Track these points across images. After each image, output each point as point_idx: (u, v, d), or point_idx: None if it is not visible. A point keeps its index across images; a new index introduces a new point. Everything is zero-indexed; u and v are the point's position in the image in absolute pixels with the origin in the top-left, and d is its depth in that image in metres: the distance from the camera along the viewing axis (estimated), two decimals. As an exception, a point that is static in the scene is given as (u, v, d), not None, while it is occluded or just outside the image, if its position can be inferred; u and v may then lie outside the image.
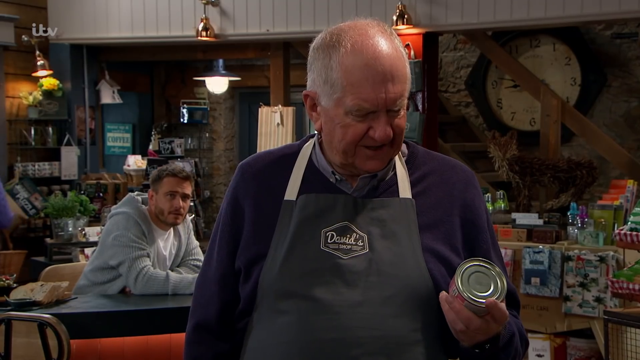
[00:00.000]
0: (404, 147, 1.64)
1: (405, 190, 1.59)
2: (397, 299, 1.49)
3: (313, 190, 1.59)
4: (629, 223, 3.80)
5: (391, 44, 1.50)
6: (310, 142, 1.67)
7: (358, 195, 1.57)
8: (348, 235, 1.53)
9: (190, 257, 3.94)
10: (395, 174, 1.60)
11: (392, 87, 1.48)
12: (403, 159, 1.63)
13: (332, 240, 1.53)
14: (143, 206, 3.81)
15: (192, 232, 4.03)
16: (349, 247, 1.52)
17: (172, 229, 3.90)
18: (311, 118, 1.60)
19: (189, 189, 3.85)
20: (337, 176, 1.59)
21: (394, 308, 1.49)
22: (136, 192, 3.95)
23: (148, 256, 3.69)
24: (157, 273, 3.64)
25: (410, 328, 1.49)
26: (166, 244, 3.88)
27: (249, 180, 1.65)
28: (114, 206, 3.92)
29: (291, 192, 1.59)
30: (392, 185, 1.59)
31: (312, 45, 1.56)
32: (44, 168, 7.33)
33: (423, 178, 1.62)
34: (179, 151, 8.34)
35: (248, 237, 1.60)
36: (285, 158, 1.66)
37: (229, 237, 1.63)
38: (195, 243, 4.02)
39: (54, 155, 7.45)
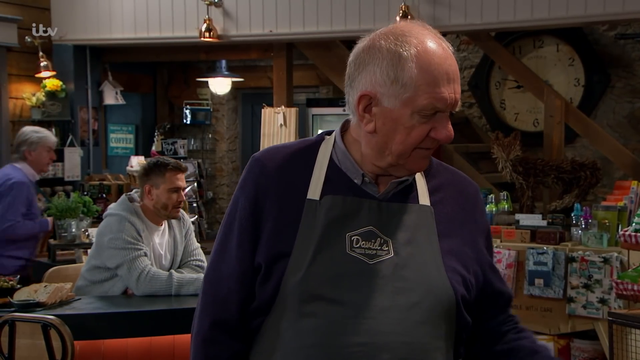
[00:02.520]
0: None
1: (424, 197, 1.62)
2: (422, 305, 1.52)
3: (336, 190, 1.58)
4: (633, 224, 3.79)
5: (449, 47, 1.55)
6: (328, 140, 1.65)
7: (383, 199, 1.59)
8: (373, 240, 1.54)
9: (192, 258, 3.94)
10: (414, 179, 1.63)
11: (457, 87, 1.54)
12: None
13: (358, 245, 1.54)
14: (136, 203, 3.81)
15: (193, 233, 4.02)
16: (374, 252, 1.53)
17: (166, 225, 3.90)
18: (361, 120, 1.56)
19: (184, 181, 3.90)
20: (366, 178, 1.59)
21: (421, 314, 1.51)
22: (134, 191, 3.94)
23: (146, 255, 3.69)
24: (159, 272, 3.64)
25: (433, 335, 1.52)
26: (162, 240, 3.88)
27: (270, 176, 1.62)
28: (109, 206, 3.92)
29: (314, 191, 1.58)
30: (412, 192, 1.62)
31: (361, 46, 1.56)
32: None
33: (440, 188, 1.66)
34: (182, 152, 8.35)
35: (270, 234, 1.58)
36: (304, 154, 1.64)
37: (250, 233, 1.60)
38: (197, 244, 4.01)
39: (57, 156, 7.44)
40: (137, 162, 7.49)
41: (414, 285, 1.52)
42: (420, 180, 1.64)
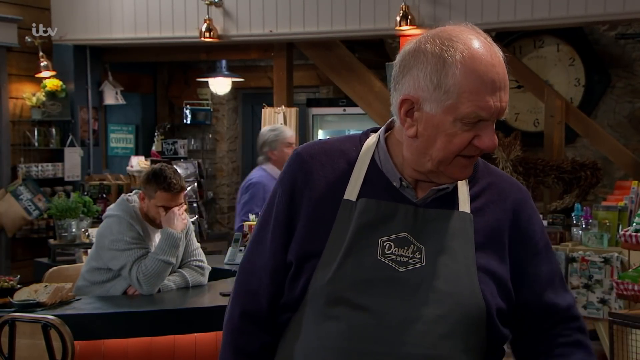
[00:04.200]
0: None
1: (464, 204, 1.56)
2: (449, 318, 1.47)
3: (374, 192, 1.55)
4: (634, 224, 3.79)
5: (498, 52, 1.49)
6: (372, 138, 1.62)
7: (421, 204, 1.54)
8: (406, 247, 1.50)
9: (192, 259, 3.92)
10: (455, 185, 1.57)
11: (504, 95, 1.47)
12: None
13: (390, 251, 1.50)
14: (135, 205, 3.80)
15: (193, 234, 4.01)
16: (405, 259, 1.50)
17: None
18: (403, 124, 1.53)
19: (181, 198, 3.80)
20: (403, 182, 1.55)
21: (446, 327, 1.47)
22: (134, 191, 3.94)
23: (148, 254, 3.69)
24: (152, 263, 3.64)
25: (459, 349, 1.48)
26: None
27: (309, 172, 1.59)
28: (108, 208, 3.91)
29: (351, 191, 1.55)
30: (453, 197, 1.56)
31: (407, 49, 1.52)
32: (47, 169, 7.33)
33: (481, 193, 1.59)
34: (182, 152, 8.34)
35: (303, 231, 1.56)
36: (346, 152, 1.60)
37: (284, 229, 1.59)
38: (197, 244, 4.00)
39: (57, 156, 7.45)
40: (137, 162, 7.50)
41: (443, 297, 1.47)
42: (462, 185, 1.57)
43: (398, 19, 5.92)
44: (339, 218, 1.53)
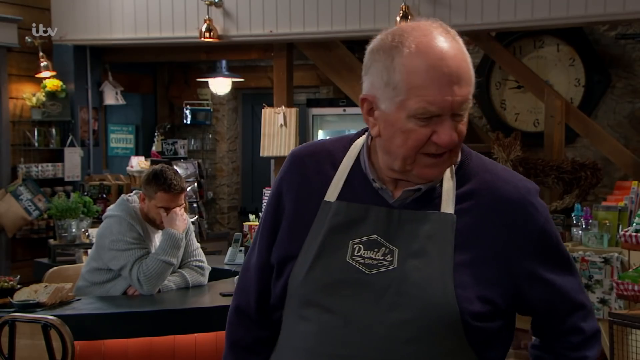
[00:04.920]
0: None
1: (448, 204, 1.49)
2: (415, 322, 1.43)
3: (354, 194, 1.52)
4: (634, 224, 3.79)
5: (456, 44, 1.44)
6: (362, 138, 1.59)
7: (399, 206, 1.50)
8: (376, 250, 1.47)
9: (192, 259, 3.93)
10: (441, 185, 1.51)
11: (459, 89, 1.41)
12: (453, 169, 1.52)
13: (359, 254, 1.48)
14: (135, 205, 3.80)
15: (193, 234, 4.01)
16: (375, 262, 1.46)
17: None
18: (367, 123, 1.51)
19: (182, 199, 3.80)
20: (376, 184, 1.52)
21: (411, 332, 1.42)
22: (134, 192, 3.94)
23: (149, 254, 3.69)
24: (153, 264, 3.64)
25: (425, 354, 1.43)
26: None
27: (295, 172, 1.59)
28: (108, 208, 3.91)
29: (332, 193, 1.54)
30: (436, 198, 1.49)
31: (369, 48, 1.49)
32: (47, 169, 7.33)
33: (471, 193, 1.51)
34: (182, 152, 8.34)
35: (283, 233, 1.57)
36: (334, 153, 1.59)
37: (269, 229, 1.61)
38: (197, 245, 4.00)
39: (57, 157, 7.45)
40: (137, 163, 7.50)
41: (410, 300, 1.43)
42: (448, 185, 1.50)
43: (398, 19, 5.92)
44: (317, 220, 1.53)
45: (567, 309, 1.56)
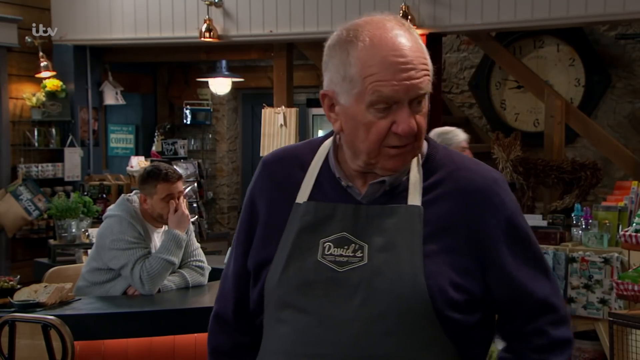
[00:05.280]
0: (424, 147, 1.55)
1: (415, 196, 1.49)
2: (390, 315, 1.43)
3: (323, 194, 1.54)
4: (634, 224, 3.79)
5: (411, 36, 1.46)
6: (330, 139, 1.61)
7: (368, 202, 1.51)
8: (346, 247, 1.48)
9: (192, 259, 3.93)
10: (408, 178, 1.52)
11: (415, 73, 1.44)
12: (420, 161, 1.54)
13: (329, 252, 1.49)
14: (136, 205, 3.81)
15: (193, 234, 4.01)
16: (345, 259, 1.47)
17: (166, 226, 3.90)
18: (330, 119, 1.54)
19: (181, 186, 3.87)
20: (344, 182, 1.54)
21: (386, 326, 1.43)
22: (134, 192, 3.94)
23: (149, 254, 3.69)
24: (157, 263, 3.65)
25: (405, 346, 1.44)
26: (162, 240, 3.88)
27: (266, 178, 1.62)
28: (108, 208, 3.92)
29: (303, 194, 1.55)
30: (404, 191, 1.50)
31: (327, 44, 1.53)
32: (47, 169, 7.33)
33: (438, 184, 1.51)
34: (182, 152, 8.34)
35: (258, 239, 1.59)
36: (301, 157, 1.61)
37: (244, 236, 1.63)
38: (197, 245, 4.00)
39: (57, 157, 7.45)
40: (137, 163, 7.50)
41: (383, 295, 1.43)
42: (415, 177, 1.51)
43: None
44: (289, 223, 1.54)
45: (532, 310, 1.52)
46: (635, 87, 6.94)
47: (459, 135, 4.63)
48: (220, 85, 8.19)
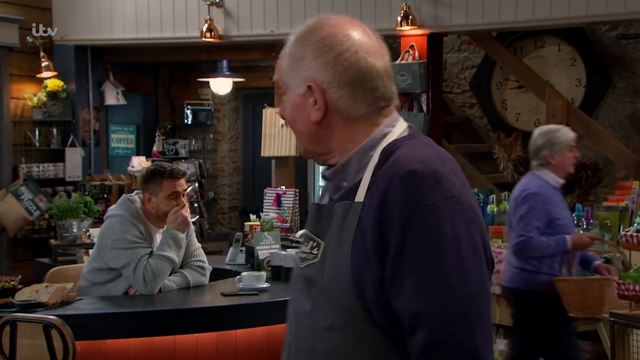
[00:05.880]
0: (385, 142, 1.51)
1: (361, 193, 1.48)
2: (328, 311, 1.48)
3: (323, 194, 1.67)
4: (635, 224, 3.79)
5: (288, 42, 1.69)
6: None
7: (337, 199, 1.56)
8: (306, 244, 1.57)
9: (193, 259, 3.93)
10: (362, 178, 1.51)
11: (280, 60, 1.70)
12: (375, 159, 1.50)
13: (300, 248, 1.60)
14: (137, 205, 3.81)
15: (194, 234, 4.01)
16: (304, 255, 1.57)
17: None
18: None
19: (185, 183, 3.89)
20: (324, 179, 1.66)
21: (327, 321, 1.49)
22: (135, 192, 3.95)
23: (151, 254, 3.69)
24: (159, 261, 3.65)
25: (344, 342, 1.47)
26: None
27: None
28: (109, 208, 3.92)
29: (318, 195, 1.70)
30: (355, 190, 1.50)
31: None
32: (48, 169, 7.34)
33: (374, 180, 1.47)
34: (183, 152, 8.34)
35: None
36: None
37: None
38: (198, 245, 4.00)
39: (58, 157, 7.46)
40: (138, 163, 7.50)
41: (323, 292, 1.49)
42: (368, 174, 1.49)
43: (399, 19, 5.92)
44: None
45: (408, 320, 1.41)
46: (637, 87, 6.94)
47: (568, 134, 4.32)
48: (221, 85, 8.19)
